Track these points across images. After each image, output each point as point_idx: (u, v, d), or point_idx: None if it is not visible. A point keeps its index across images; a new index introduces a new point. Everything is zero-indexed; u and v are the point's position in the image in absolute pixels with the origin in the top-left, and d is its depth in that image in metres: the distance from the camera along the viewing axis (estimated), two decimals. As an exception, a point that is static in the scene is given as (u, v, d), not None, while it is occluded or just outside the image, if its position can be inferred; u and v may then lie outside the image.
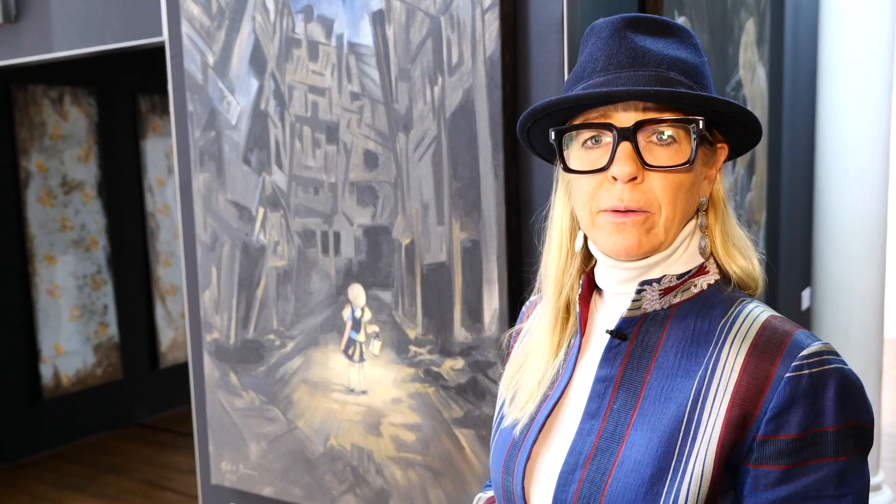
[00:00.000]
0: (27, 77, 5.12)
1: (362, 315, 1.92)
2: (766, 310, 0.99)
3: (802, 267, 3.71)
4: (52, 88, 5.32)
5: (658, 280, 1.00)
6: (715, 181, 1.03)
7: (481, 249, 1.74)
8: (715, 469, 0.91)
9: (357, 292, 1.92)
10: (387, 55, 1.79)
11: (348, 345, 1.95)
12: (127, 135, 5.83)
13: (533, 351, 1.11)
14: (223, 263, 2.12)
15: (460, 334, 1.78)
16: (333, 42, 1.85)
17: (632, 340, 1.01)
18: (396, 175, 1.82)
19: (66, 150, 5.42)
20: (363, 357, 1.93)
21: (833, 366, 0.91)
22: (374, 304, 1.89)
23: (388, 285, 1.87)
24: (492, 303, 1.73)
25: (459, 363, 1.79)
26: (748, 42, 2.74)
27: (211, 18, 2.02)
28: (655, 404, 0.96)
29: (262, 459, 2.12)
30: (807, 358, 0.90)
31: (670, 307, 1.01)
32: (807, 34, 3.52)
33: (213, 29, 2.02)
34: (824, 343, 0.93)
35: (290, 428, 2.06)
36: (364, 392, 1.94)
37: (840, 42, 3.48)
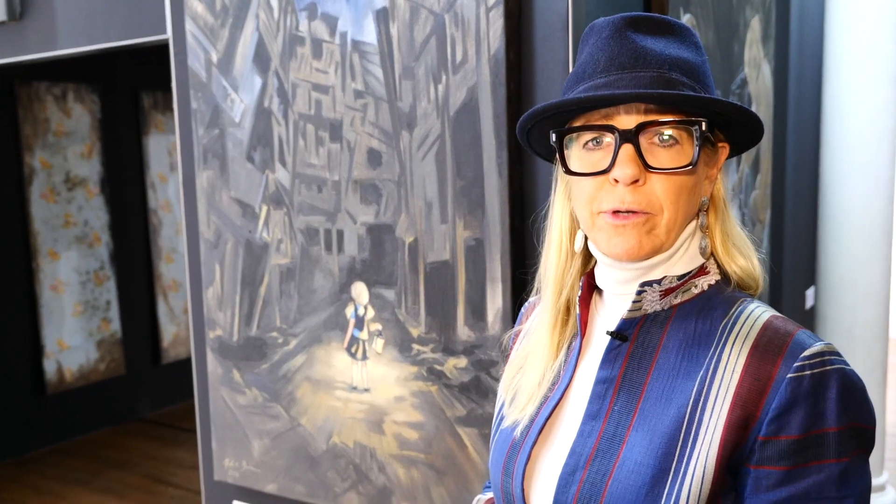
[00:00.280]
0: (31, 74, 5.13)
1: (365, 313, 1.92)
2: (768, 310, 0.98)
3: (807, 265, 3.70)
4: (56, 85, 5.32)
5: (659, 281, 0.99)
6: (716, 181, 1.03)
7: (485, 248, 1.73)
8: (716, 470, 0.90)
9: (360, 290, 1.92)
10: (390, 53, 1.78)
11: (351, 343, 1.95)
12: (129, 131, 5.84)
13: (533, 352, 1.11)
14: (226, 261, 2.12)
15: (463, 333, 1.78)
16: (337, 40, 1.85)
17: (632, 341, 1.00)
18: (400, 173, 1.81)
19: (70, 147, 5.43)
20: (366, 355, 1.93)
21: (835, 366, 0.90)
22: (378, 303, 1.89)
23: (392, 283, 1.86)
24: (495, 302, 1.73)
25: (462, 362, 1.79)
26: (753, 39, 2.73)
27: (215, 16, 2.01)
28: (656, 406, 0.96)
29: (265, 456, 2.12)
30: (808, 358, 0.90)
31: (671, 308, 1.00)
32: (812, 31, 3.51)
33: (217, 27, 2.02)
34: (826, 343, 0.92)
35: (293, 425, 2.06)
36: (367, 390, 1.94)
37: (846, 39, 3.47)
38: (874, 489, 3.82)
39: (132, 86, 5.81)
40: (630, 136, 0.93)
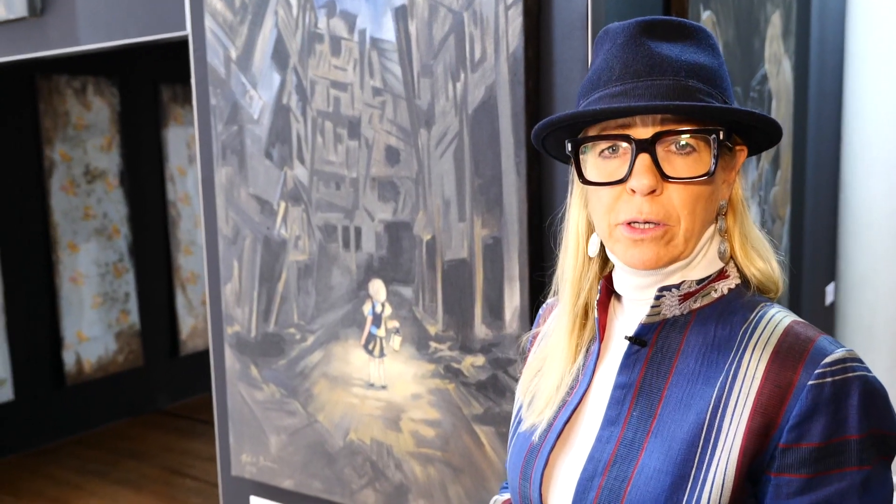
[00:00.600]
0: (51, 67, 5.16)
1: (383, 310, 1.92)
2: (788, 315, 0.97)
3: (827, 262, 3.67)
4: (76, 79, 5.35)
5: (677, 286, 0.98)
6: (734, 183, 1.02)
7: (503, 246, 1.73)
8: (736, 478, 0.90)
9: (378, 287, 1.92)
10: (409, 51, 1.78)
11: (368, 340, 1.95)
12: (149, 124, 5.86)
13: (551, 355, 1.10)
14: (245, 257, 2.13)
15: (481, 331, 1.78)
16: (356, 37, 1.85)
17: (651, 346, 0.99)
18: (418, 171, 1.81)
19: (89, 140, 5.46)
20: (383, 352, 1.93)
21: (857, 373, 0.89)
22: (395, 300, 1.89)
23: (409, 281, 1.86)
24: (513, 300, 1.73)
25: (480, 360, 1.79)
26: (774, 35, 2.71)
27: (234, 13, 2.02)
28: (675, 412, 0.95)
29: (282, 452, 2.13)
30: (830, 365, 0.89)
31: (690, 312, 0.99)
32: (833, 26, 3.47)
33: (236, 23, 2.02)
34: (848, 350, 0.91)
35: (310, 421, 2.07)
36: (384, 387, 1.94)
37: (867, 34, 3.43)
38: None
39: (152, 79, 5.83)
40: (647, 146, 0.92)
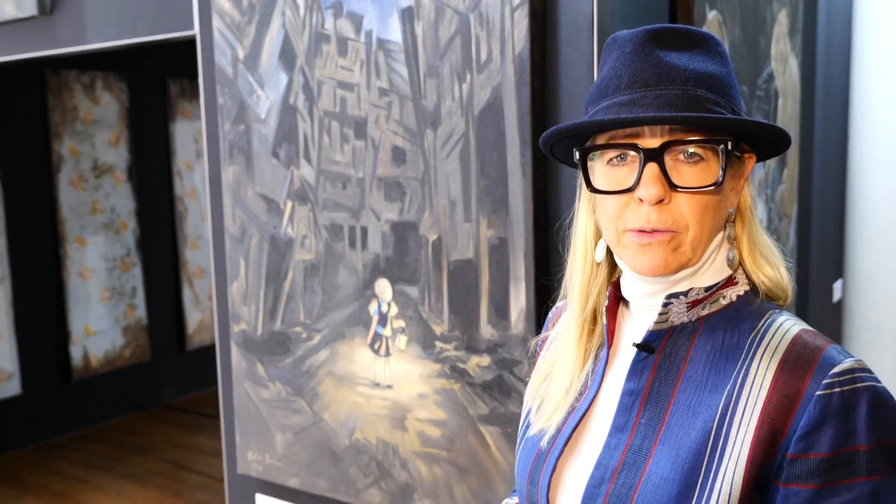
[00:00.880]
0: (60, 63, 5.17)
1: (388, 310, 1.92)
2: (797, 323, 0.97)
3: (834, 259, 3.67)
4: (85, 73, 5.37)
5: (685, 293, 0.98)
6: (742, 190, 1.01)
7: (508, 247, 1.73)
8: (743, 487, 0.90)
9: (384, 287, 1.93)
10: (415, 52, 1.78)
11: (374, 339, 1.96)
12: (157, 119, 5.88)
13: (560, 360, 1.10)
14: (251, 255, 2.14)
15: (486, 331, 1.79)
16: (362, 38, 1.85)
17: (659, 353, 0.99)
18: (424, 171, 1.82)
19: (98, 134, 5.48)
20: (389, 352, 1.94)
21: (865, 383, 0.89)
22: (401, 300, 1.90)
23: (415, 281, 1.87)
24: (518, 301, 1.73)
25: (485, 360, 1.79)
26: (780, 33, 2.70)
27: (241, 13, 2.02)
28: (683, 419, 0.95)
29: (288, 451, 2.14)
30: (838, 375, 0.89)
31: (698, 319, 0.99)
32: (840, 24, 3.46)
33: (244, 23, 2.02)
34: (856, 360, 0.91)
35: (316, 420, 2.08)
36: (390, 386, 1.95)
37: (874, 32, 3.42)
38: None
39: (160, 74, 5.84)
40: (655, 155, 0.92)
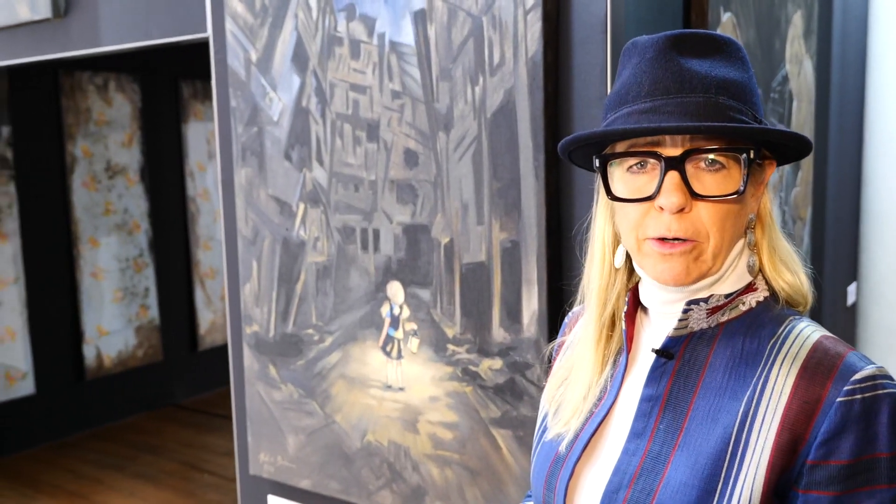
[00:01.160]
0: (74, 64, 5.20)
1: (401, 312, 1.92)
2: (818, 329, 0.96)
3: (848, 262, 3.64)
4: (98, 75, 5.40)
5: (705, 299, 0.98)
6: (762, 196, 1.01)
7: (521, 250, 1.73)
8: (763, 493, 0.89)
9: (396, 290, 1.93)
10: (428, 54, 1.78)
11: (386, 342, 1.96)
12: (169, 120, 5.90)
13: (577, 364, 1.10)
14: (264, 257, 2.14)
15: (499, 335, 1.78)
16: (375, 41, 1.85)
17: (678, 359, 0.99)
18: (436, 174, 1.81)
19: (111, 136, 5.50)
20: (401, 354, 1.94)
21: (887, 390, 0.89)
22: (413, 302, 1.90)
23: (427, 283, 1.87)
24: (531, 304, 1.73)
25: (497, 363, 1.79)
26: (795, 35, 2.69)
27: (254, 15, 2.03)
28: (702, 425, 0.95)
29: (300, 452, 2.14)
30: (859, 382, 0.88)
31: (718, 325, 0.99)
32: (856, 25, 3.44)
33: (257, 26, 2.03)
34: (878, 366, 0.90)
35: (328, 422, 2.08)
36: (402, 389, 1.95)
37: (890, 33, 3.40)
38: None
39: (172, 75, 5.87)
40: (676, 164, 0.91)
